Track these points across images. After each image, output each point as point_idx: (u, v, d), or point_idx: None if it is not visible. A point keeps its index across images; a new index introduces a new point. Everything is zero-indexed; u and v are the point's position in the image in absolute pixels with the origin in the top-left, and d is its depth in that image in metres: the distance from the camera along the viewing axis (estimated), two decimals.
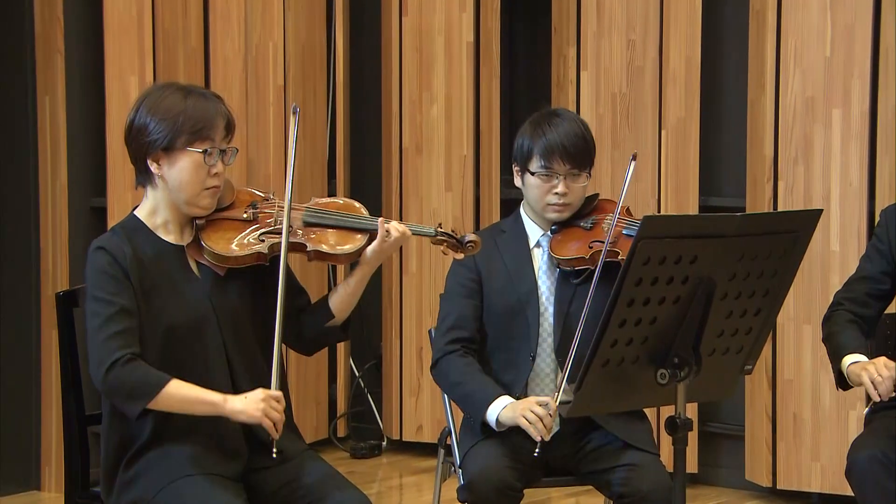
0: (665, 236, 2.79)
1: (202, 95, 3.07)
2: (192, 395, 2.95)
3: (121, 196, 5.02)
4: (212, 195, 3.07)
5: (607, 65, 5.08)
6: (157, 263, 3.04)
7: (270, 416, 2.94)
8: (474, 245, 3.23)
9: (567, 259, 3.41)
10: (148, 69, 5.02)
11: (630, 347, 2.88)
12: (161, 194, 3.07)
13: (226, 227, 3.10)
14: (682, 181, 4.99)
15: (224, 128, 3.06)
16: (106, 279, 2.97)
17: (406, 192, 5.47)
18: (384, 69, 5.53)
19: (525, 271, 3.48)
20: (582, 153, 3.43)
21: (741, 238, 2.87)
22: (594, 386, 2.90)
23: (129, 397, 2.92)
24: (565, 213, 3.46)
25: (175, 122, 3.00)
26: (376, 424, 5.69)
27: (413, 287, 5.48)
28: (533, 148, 3.43)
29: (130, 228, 3.07)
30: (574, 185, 3.44)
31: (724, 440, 5.11)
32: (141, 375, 2.92)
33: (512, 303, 3.45)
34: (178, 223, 3.10)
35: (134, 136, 3.05)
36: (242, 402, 2.94)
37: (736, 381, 3.13)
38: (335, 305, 3.19)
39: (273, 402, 2.95)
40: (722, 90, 5.12)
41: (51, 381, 5.00)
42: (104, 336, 2.92)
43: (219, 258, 3.06)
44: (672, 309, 2.88)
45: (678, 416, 2.94)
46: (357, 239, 3.13)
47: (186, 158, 3.02)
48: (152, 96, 3.06)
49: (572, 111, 3.53)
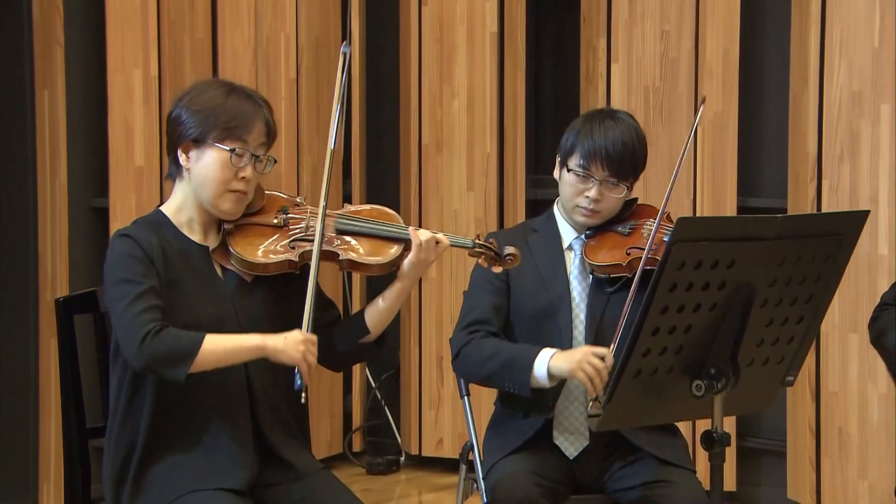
0: (700, 239, 2.80)
1: (247, 96, 3.12)
2: (231, 345, 2.99)
3: (123, 196, 5.05)
4: (235, 200, 3.10)
5: (639, 56, 5.09)
6: (181, 259, 3.08)
7: (308, 360, 2.98)
8: (513, 258, 3.25)
9: (602, 266, 3.41)
10: (152, 61, 5.05)
11: (663, 357, 2.89)
12: (187, 188, 3.12)
13: (255, 232, 3.13)
14: (720, 180, 4.99)
15: (262, 133, 3.10)
16: (132, 262, 3.01)
17: (425, 193, 5.48)
18: (402, 61, 5.55)
19: (558, 273, 3.48)
20: (625, 163, 3.42)
21: (782, 241, 2.87)
22: (625, 398, 2.90)
23: (169, 364, 2.94)
24: (593, 220, 3.46)
25: (209, 115, 3.06)
26: (394, 438, 5.70)
27: (433, 293, 5.49)
28: (577, 145, 3.44)
29: (155, 222, 3.12)
30: (609, 194, 3.44)
31: (764, 456, 5.11)
32: (175, 340, 2.95)
33: (543, 305, 3.45)
34: (203, 223, 3.14)
35: (170, 126, 3.12)
36: (283, 341, 2.98)
37: (776, 393, 3.13)
38: (371, 320, 3.22)
39: (310, 344, 2.99)
40: (762, 83, 5.12)
41: (49, 393, 5.03)
42: (133, 313, 2.95)
43: (247, 265, 3.09)
44: (708, 316, 2.88)
45: (715, 431, 2.95)
46: (392, 249, 3.15)
47: (214, 154, 3.07)
48: (196, 89, 3.13)
49: (633, 118, 3.52)
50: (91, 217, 5.18)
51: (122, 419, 3.06)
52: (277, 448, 3.10)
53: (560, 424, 3.45)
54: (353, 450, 5.68)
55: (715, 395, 2.93)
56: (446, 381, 5.45)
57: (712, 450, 2.95)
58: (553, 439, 3.45)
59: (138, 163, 5.10)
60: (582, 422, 3.43)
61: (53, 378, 4.98)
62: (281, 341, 2.98)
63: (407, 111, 5.53)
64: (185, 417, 3.05)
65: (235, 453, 3.06)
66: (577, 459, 3.42)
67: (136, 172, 5.10)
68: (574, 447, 3.45)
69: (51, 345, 4.99)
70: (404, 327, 5.58)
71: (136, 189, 5.10)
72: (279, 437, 3.13)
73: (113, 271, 3.02)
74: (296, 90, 5.39)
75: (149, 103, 5.10)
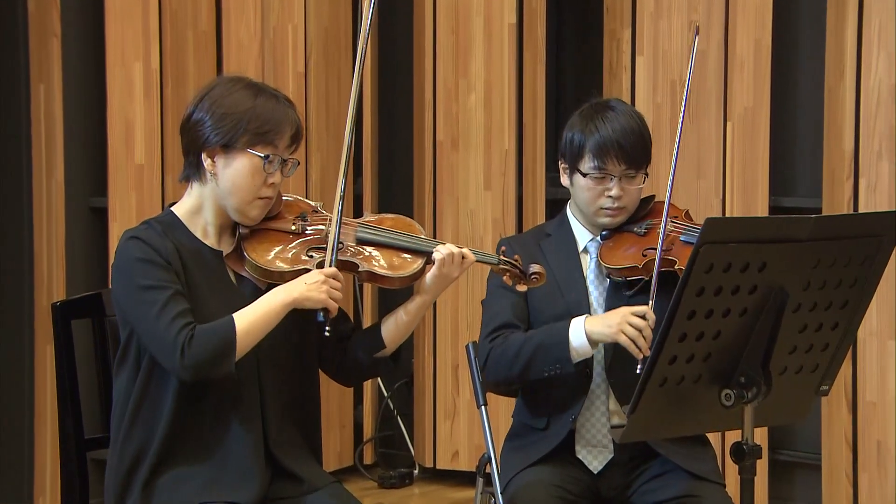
0: (730, 240, 2.80)
1: (273, 97, 3.13)
2: (261, 314, 3.02)
3: (123, 196, 5.06)
4: (263, 206, 3.12)
5: (666, 49, 5.09)
6: (196, 264, 3.09)
7: (333, 297, 3.03)
8: (538, 277, 3.26)
9: (618, 268, 3.42)
10: (154, 55, 5.07)
11: (691, 365, 2.89)
12: (208, 192, 3.12)
13: (272, 238, 3.14)
14: (751, 179, 4.99)
15: (290, 136, 3.12)
16: (149, 267, 3.02)
17: (440, 192, 5.49)
18: (416, 54, 5.56)
19: (574, 278, 3.49)
20: (639, 151, 3.44)
21: (816, 243, 2.87)
22: (651, 408, 2.90)
23: (215, 365, 2.98)
24: (619, 217, 3.47)
25: (240, 119, 3.06)
26: (407, 451, 5.71)
27: (448, 297, 5.49)
28: (585, 144, 3.43)
29: (167, 223, 3.12)
30: (629, 187, 3.45)
31: (798, 470, 5.11)
32: (209, 337, 2.98)
33: (559, 312, 3.45)
34: (219, 227, 3.15)
35: (190, 128, 3.11)
36: (303, 287, 3.02)
37: (810, 404, 3.13)
38: (388, 335, 3.23)
39: (332, 280, 3.03)
40: (796, 76, 5.11)
41: (45, 403, 5.04)
42: (167, 320, 2.97)
43: (262, 272, 3.10)
44: (738, 322, 2.88)
45: (745, 443, 2.95)
46: (415, 262, 3.16)
47: (245, 160, 3.08)
48: (219, 88, 3.12)
49: (626, 102, 3.54)
50: (89, 217, 5.20)
51: (130, 426, 3.08)
52: (287, 461, 3.12)
53: (582, 437, 3.45)
54: (365, 462, 5.69)
55: (745, 405, 2.93)
56: (462, 390, 5.45)
57: (743, 463, 2.95)
58: (576, 453, 3.45)
59: (139, 160, 5.12)
60: (605, 433, 3.43)
61: (49, 387, 4.99)
62: (303, 287, 3.02)
63: (421, 106, 5.54)
64: (198, 428, 3.07)
65: (245, 466, 3.07)
66: (601, 472, 3.42)
67: (137, 170, 5.12)
68: (598, 461, 3.45)
69: (47, 352, 5.01)
70: (418, 333, 5.58)
71: (137, 188, 5.12)
72: (289, 450, 3.14)
73: (130, 278, 3.03)
74: (304, 85, 5.41)
75: (150, 98, 5.12)
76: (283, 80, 5.34)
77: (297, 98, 5.37)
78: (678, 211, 3.52)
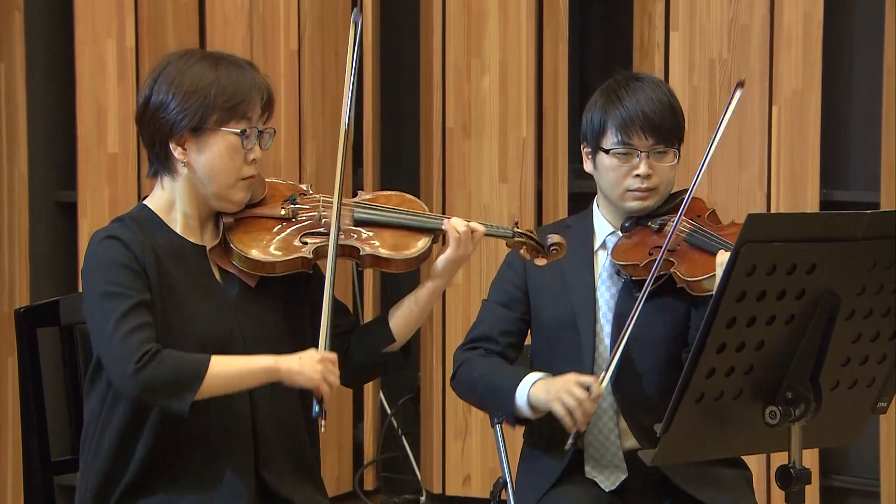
0: (775, 240, 2.80)
1: (235, 64, 3.13)
2: (241, 368, 3.01)
3: (95, 189, 5.08)
4: (247, 187, 3.13)
5: (703, 24, 5.09)
6: (175, 263, 3.09)
7: (329, 381, 3.01)
8: (559, 249, 3.27)
9: (623, 265, 3.42)
10: (129, 31, 5.08)
11: (731, 378, 2.89)
12: (183, 186, 3.12)
13: (259, 226, 3.15)
14: (799, 170, 5.00)
15: (262, 105, 3.12)
16: (118, 270, 3.01)
17: (450, 184, 5.50)
18: (423, 30, 5.57)
19: (582, 275, 3.49)
20: (669, 124, 3.43)
21: (872, 242, 2.88)
22: (686, 426, 2.91)
23: (171, 393, 2.96)
24: (649, 200, 3.46)
25: (206, 95, 3.06)
26: (413, 475, 5.72)
27: (459, 303, 5.50)
28: (607, 120, 3.43)
29: (142, 220, 3.12)
30: (659, 164, 3.44)
31: (852, 497, 5.11)
32: (177, 363, 2.96)
33: (563, 315, 3.47)
34: (200, 219, 3.15)
35: (150, 116, 3.10)
36: (298, 362, 3.01)
37: (865, 423, 3.13)
38: (397, 327, 3.25)
39: (329, 364, 3.02)
40: (851, 55, 5.11)
41: (7, 420, 5.06)
42: (124, 331, 2.95)
43: (252, 264, 3.11)
44: (784, 331, 2.88)
45: (793, 466, 2.95)
46: (421, 242, 3.18)
47: (220, 141, 3.08)
48: (173, 66, 3.10)
49: (655, 75, 3.54)
50: (56, 213, 5.21)
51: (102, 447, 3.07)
52: (280, 485, 3.12)
53: (591, 458, 3.48)
54: (365, 488, 5.70)
55: (792, 424, 2.93)
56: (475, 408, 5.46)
57: (789, 489, 2.95)
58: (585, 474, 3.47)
59: (111, 150, 5.13)
60: (615, 452, 3.44)
61: (12, 402, 5.01)
62: (296, 362, 3.01)
63: (429, 90, 5.55)
64: (180, 451, 3.07)
65: (234, 490, 3.08)
66: (618, 493, 3.43)
67: (110, 161, 5.13)
68: (610, 481, 3.46)
69: (8, 363, 5.02)
70: (425, 343, 5.59)
71: (110, 180, 5.13)
72: (283, 473, 3.15)
73: (95, 281, 3.03)
74: (297, 65, 5.41)
75: (124, 80, 5.13)
76: (274, 59, 5.35)
77: (290, 79, 5.38)
78: (703, 208, 3.51)
